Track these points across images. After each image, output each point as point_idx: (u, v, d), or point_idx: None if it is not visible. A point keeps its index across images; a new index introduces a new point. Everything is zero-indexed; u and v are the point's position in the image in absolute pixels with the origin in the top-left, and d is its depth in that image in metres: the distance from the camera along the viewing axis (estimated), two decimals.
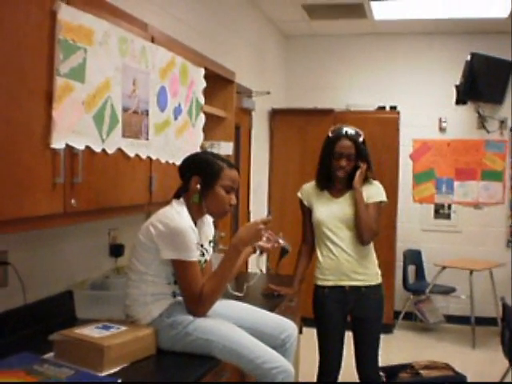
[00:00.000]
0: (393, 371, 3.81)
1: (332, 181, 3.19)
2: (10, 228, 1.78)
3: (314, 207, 3.21)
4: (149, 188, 2.57)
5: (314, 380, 3.32)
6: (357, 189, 3.07)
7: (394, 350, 5.50)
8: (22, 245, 2.41)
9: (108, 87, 2.18)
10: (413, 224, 6.42)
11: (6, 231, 1.79)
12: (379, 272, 3.22)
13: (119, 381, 1.85)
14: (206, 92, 3.25)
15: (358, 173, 3.10)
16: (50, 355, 2.04)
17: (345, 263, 3.11)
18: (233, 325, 2.23)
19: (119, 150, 2.29)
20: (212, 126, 3.69)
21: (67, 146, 1.95)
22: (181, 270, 2.18)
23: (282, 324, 2.45)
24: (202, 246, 2.38)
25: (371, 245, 3.19)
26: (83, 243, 2.82)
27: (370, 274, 3.15)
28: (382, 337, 5.07)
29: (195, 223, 2.33)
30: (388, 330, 5.97)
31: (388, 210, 5.89)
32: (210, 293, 2.20)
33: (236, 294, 2.59)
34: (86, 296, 2.56)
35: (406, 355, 4.80)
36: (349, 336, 3.26)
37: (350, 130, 3.12)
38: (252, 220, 2.37)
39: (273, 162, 6.09)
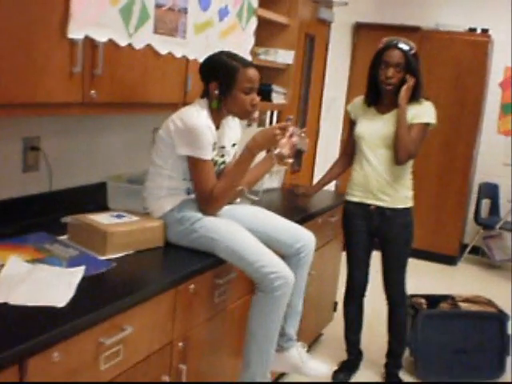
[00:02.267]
0: (435, 300, 3.75)
1: (381, 96, 3.10)
2: (24, 111, 1.87)
3: (358, 121, 3.17)
4: (184, 87, 2.58)
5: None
6: (400, 105, 2.96)
7: (455, 282, 5.47)
8: (59, 133, 2.53)
9: None
10: (494, 156, 6.12)
11: (20, 114, 1.89)
12: (410, 196, 3.16)
13: (113, 264, 1.97)
14: None
15: (403, 88, 2.97)
16: (64, 237, 2.19)
17: (373, 181, 3.10)
18: (240, 227, 2.26)
19: (149, 45, 2.31)
20: (274, 32, 3.69)
21: (87, 37, 1.99)
22: (194, 167, 2.23)
23: (298, 233, 2.47)
24: (223, 147, 2.41)
25: (407, 168, 3.13)
26: (126, 137, 2.92)
27: (397, 196, 3.11)
28: (444, 268, 5.20)
29: (218, 125, 2.36)
30: (452, 261, 5.92)
31: (465, 139, 5.72)
32: (220, 192, 2.24)
33: (252, 197, 2.61)
34: (118, 188, 2.66)
35: (465, 289, 4.68)
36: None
37: (402, 42, 2.99)
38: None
39: (352, 79, 5.94)
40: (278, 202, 3.43)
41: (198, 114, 2.23)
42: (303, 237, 2.48)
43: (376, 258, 3.30)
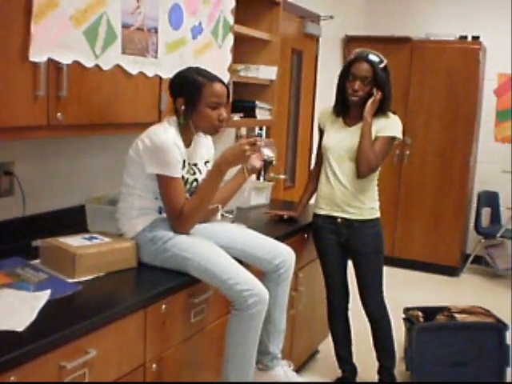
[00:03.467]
0: (431, 312, 3.72)
1: (348, 107, 3.09)
2: None
3: (325, 131, 3.17)
4: (158, 106, 2.58)
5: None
6: (365, 118, 2.96)
7: (458, 293, 5.38)
8: (35, 157, 2.54)
9: (103, 2, 2.20)
10: (492, 164, 6.09)
11: None
12: (376, 207, 3.15)
13: (81, 287, 1.96)
14: (249, 14, 3.19)
15: (369, 101, 2.97)
16: (37, 261, 2.19)
17: (339, 194, 3.09)
18: (213, 244, 2.26)
19: (118, 66, 2.33)
20: (255, 48, 3.70)
21: (51, 59, 2.00)
22: (163, 185, 2.23)
23: (277, 249, 2.46)
24: (195, 165, 2.41)
25: (373, 179, 3.12)
26: (106, 158, 2.93)
27: (364, 208, 3.09)
28: (447, 279, 5.12)
29: (189, 142, 2.37)
30: (454, 272, 5.86)
31: (461, 149, 5.70)
32: (190, 210, 2.24)
33: (227, 215, 2.61)
34: (97, 210, 2.66)
35: (469, 300, 4.62)
36: None
37: (372, 54, 2.98)
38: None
39: None
40: (264, 219, 3.42)
41: (165, 132, 2.24)
42: (282, 252, 2.47)
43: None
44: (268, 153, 2.46)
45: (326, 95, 5.41)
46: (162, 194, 2.27)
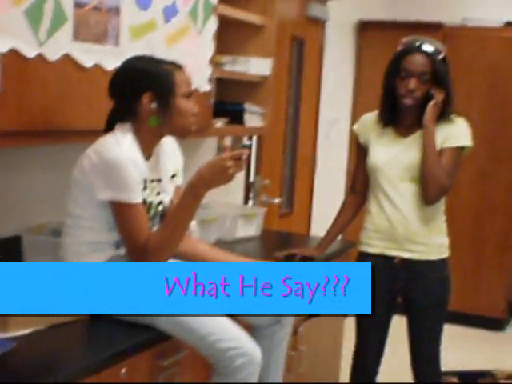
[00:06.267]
0: (470, 377, 3.76)
1: (399, 114, 3.09)
2: None
3: (370, 147, 3.15)
4: None
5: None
6: (427, 126, 2.96)
7: (505, 353, 5.33)
8: None
9: None
10: None
11: None
12: (445, 243, 3.15)
13: (14, 344, 1.92)
14: None
15: (430, 104, 2.96)
16: None
17: (398, 227, 3.06)
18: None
19: (67, 56, 2.32)
20: (245, 36, 3.73)
21: None
22: (119, 214, 2.23)
23: None
24: (159, 181, 2.42)
25: (440, 206, 3.12)
26: (52, 176, 2.89)
27: (430, 244, 3.08)
28: (488, 334, 5.28)
29: (150, 153, 2.38)
30: (499, 326, 5.86)
31: (506, 166, 5.72)
32: (157, 246, 2.22)
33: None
34: (37, 242, 2.65)
35: None
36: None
37: (427, 43, 2.98)
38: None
39: (358, 94, 5.95)
40: (255, 252, 3.44)
41: (118, 144, 2.24)
42: None
43: (396, 323, 3.28)
44: None
45: (334, 96, 5.56)
46: (118, 226, 2.26)
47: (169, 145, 2.50)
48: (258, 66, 3.64)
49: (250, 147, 2.48)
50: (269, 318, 2.43)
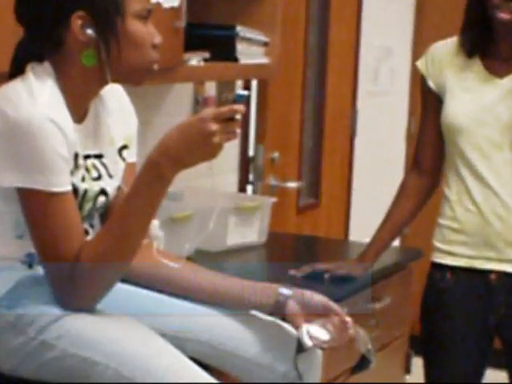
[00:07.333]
0: None
1: (492, 38, 2.78)
2: None
3: (447, 94, 2.86)
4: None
5: None
6: None
7: None
8: None
9: None
10: None
11: None
12: None
13: None
14: None
15: None
16: None
17: (494, 223, 2.79)
18: (144, 328, 2.08)
19: None
20: None
21: None
22: (33, 212, 2.03)
23: (285, 335, 2.24)
24: (98, 156, 2.23)
25: None
26: None
27: None
28: None
29: (84, 112, 2.15)
30: None
31: None
32: (92, 266, 2.06)
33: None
34: None
35: None
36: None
37: None
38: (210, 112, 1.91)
39: (423, 9, 5.43)
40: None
41: (30, 96, 2.02)
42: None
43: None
44: (364, 338, 2.23)
45: (384, 14, 5.06)
46: (31, 230, 2.04)
47: (115, 98, 2.30)
48: None
49: (247, 100, 2.57)
50: (281, 373, 2.24)
